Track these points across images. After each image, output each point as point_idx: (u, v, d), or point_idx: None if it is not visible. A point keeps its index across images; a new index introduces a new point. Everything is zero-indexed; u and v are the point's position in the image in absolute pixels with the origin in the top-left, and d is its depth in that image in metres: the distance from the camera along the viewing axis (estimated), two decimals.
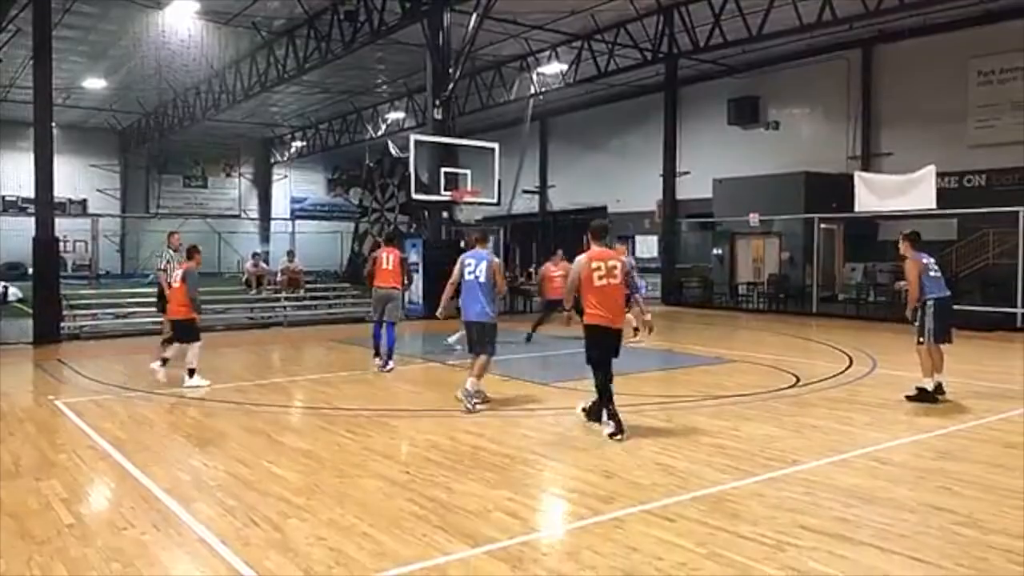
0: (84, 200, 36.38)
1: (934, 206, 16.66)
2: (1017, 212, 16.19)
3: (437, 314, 9.01)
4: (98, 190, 37.56)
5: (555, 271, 13.69)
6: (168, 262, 12.61)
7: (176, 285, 9.37)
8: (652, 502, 5.05)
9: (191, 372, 9.17)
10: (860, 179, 18.30)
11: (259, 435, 6.99)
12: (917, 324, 8.45)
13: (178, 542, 4.42)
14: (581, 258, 7.03)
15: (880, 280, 21.06)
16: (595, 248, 7.09)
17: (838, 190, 19.50)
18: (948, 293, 8.59)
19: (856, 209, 18.18)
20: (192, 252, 9.53)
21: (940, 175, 17.52)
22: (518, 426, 7.38)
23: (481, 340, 8.04)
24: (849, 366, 10.99)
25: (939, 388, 8.39)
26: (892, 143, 21.62)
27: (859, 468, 5.90)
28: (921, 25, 19.90)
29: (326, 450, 6.46)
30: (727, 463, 5.99)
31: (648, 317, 8.51)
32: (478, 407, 7.88)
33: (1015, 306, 15.74)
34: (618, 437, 6.61)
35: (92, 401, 8.52)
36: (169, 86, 27.66)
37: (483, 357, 7.98)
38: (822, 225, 20.50)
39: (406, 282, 11.18)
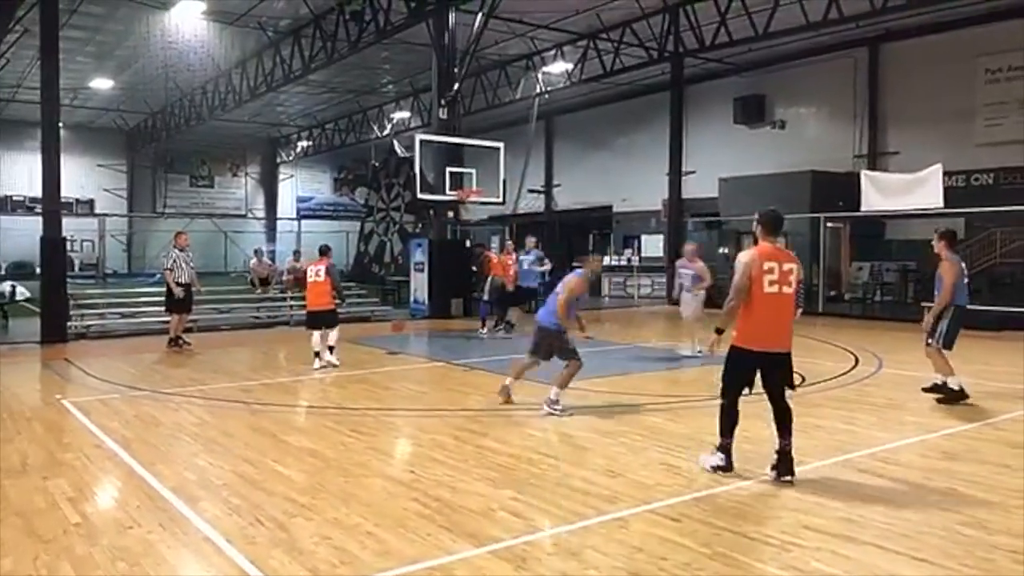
0: (91, 200, 36.50)
1: (941, 205, 16.58)
2: None
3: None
4: (105, 190, 37.71)
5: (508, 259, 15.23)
6: (175, 261, 12.69)
7: (321, 279, 10.77)
8: (657, 502, 5.06)
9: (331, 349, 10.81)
10: (867, 178, 18.23)
11: (265, 434, 7.01)
12: (932, 325, 8.35)
13: (184, 541, 4.44)
14: (749, 255, 5.57)
15: (887, 279, 21.02)
16: (765, 244, 5.66)
17: (844, 189, 19.44)
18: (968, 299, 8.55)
19: (862, 208, 18.11)
20: (323, 249, 11.17)
21: (947, 174, 17.44)
22: (523, 426, 7.39)
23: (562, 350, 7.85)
24: (855, 366, 10.96)
25: (936, 388, 8.43)
26: (899, 142, 21.53)
27: (864, 468, 5.89)
28: (928, 23, 19.81)
29: (331, 449, 6.48)
30: (733, 463, 5.97)
31: None
32: (559, 413, 7.63)
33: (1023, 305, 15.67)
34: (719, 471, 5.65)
35: (99, 400, 8.56)
36: (176, 86, 27.77)
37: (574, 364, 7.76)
38: (828, 224, 20.44)
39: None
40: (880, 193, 17.76)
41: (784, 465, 5.46)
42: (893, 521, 4.72)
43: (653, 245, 26.56)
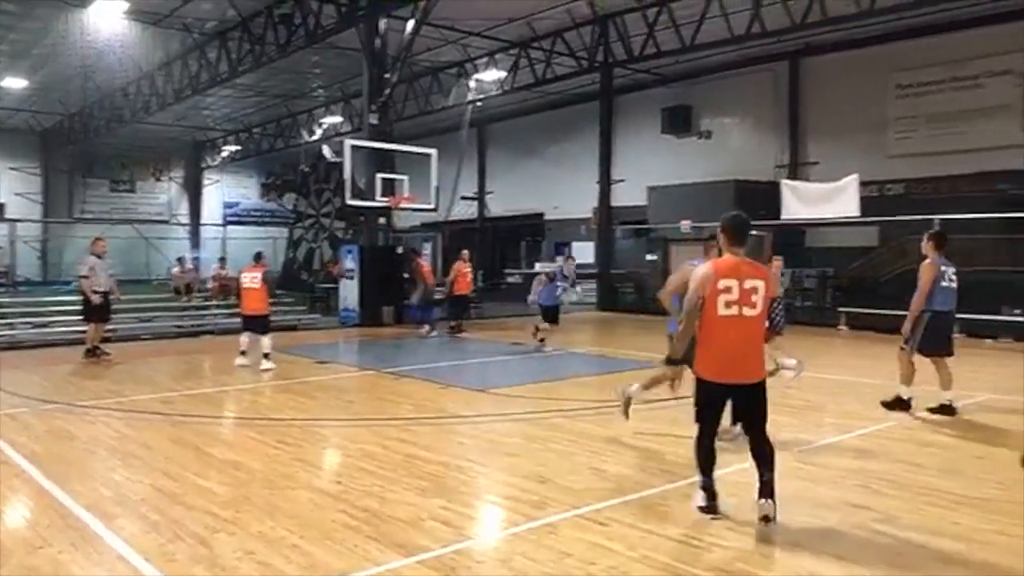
0: (1, 204, 34.85)
1: (857, 214, 17.28)
2: (932, 220, 16.89)
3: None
4: (17, 194, 36.01)
5: (466, 268, 16.49)
6: (91, 268, 12.21)
7: (256, 286, 11.10)
8: (585, 507, 5.10)
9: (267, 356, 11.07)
10: (787, 187, 18.85)
11: (187, 447, 6.80)
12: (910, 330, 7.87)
13: (97, 560, 4.26)
14: (703, 270, 4.81)
15: (807, 286, 21.74)
16: (726, 257, 4.82)
17: (767, 198, 20.02)
18: (952, 307, 7.98)
19: (783, 217, 18.71)
20: (258, 256, 11.68)
21: (863, 184, 18.18)
22: (453, 433, 7.37)
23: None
24: (776, 370, 11.27)
25: (900, 401, 8.03)
26: (818, 152, 22.35)
27: (783, 469, 6.00)
28: (845, 39, 20.64)
29: (256, 461, 6.33)
30: (660, 467, 6.09)
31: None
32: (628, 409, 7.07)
33: None
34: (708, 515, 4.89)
35: (6, 415, 8.14)
36: (96, 86, 26.78)
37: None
38: (752, 232, 21.01)
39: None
40: (800, 202, 18.39)
41: (766, 490, 4.71)
42: (811, 520, 4.88)
43: (584, 252, 26.86)
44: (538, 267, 15.85)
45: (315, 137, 32.54)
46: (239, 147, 38.17)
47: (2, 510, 5.24)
